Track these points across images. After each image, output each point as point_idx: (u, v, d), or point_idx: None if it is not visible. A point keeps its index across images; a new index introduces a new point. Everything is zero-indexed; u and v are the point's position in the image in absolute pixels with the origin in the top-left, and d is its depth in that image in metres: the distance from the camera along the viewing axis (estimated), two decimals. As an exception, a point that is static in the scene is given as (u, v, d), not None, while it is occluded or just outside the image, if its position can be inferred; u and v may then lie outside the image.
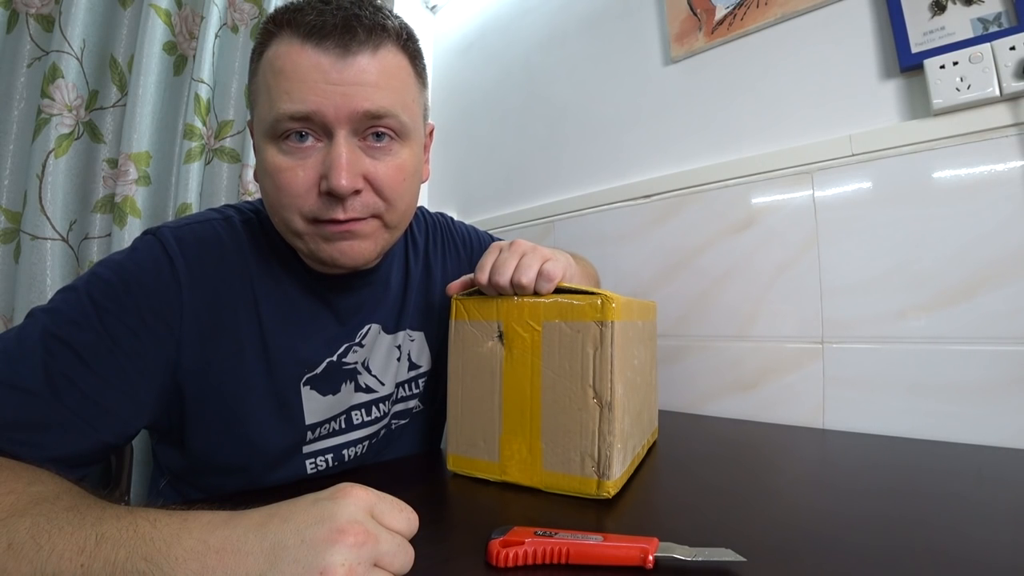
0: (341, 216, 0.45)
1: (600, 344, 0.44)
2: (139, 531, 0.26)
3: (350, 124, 0.44)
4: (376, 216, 0.48)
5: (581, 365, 0.45)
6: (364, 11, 0.44)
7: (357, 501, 0.28)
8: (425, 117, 0.54)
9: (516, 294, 0.49)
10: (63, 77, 0.87)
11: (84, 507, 0.29)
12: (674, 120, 0.97)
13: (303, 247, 0.48)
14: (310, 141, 0.45)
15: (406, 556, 0.28)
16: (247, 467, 0.51)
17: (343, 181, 0.43)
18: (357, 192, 0.45)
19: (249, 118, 0.51)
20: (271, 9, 1.03)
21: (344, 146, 0.44)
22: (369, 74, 0.44)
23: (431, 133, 0.59)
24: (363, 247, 0.48)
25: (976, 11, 0.66)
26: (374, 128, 0.46)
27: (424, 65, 0.53)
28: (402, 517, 0.30)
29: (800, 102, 0.81)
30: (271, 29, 0.46)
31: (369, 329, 0.57)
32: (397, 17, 0.48)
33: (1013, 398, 0.61)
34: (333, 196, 0.44)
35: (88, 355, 0.41)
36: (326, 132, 0.44)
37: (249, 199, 0.59)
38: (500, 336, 0.49)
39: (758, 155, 0.84)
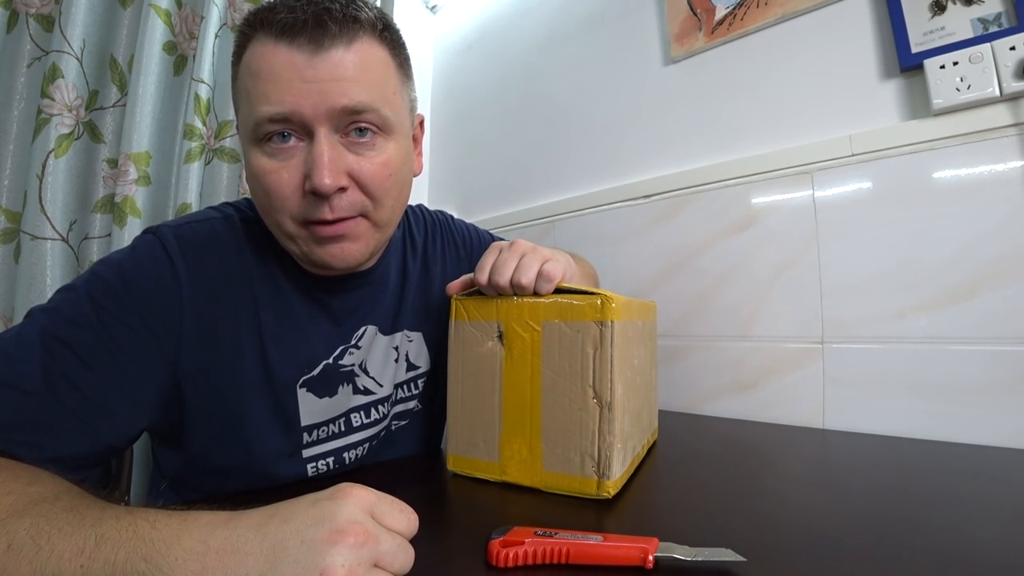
0: (328, 216, 0.45)
1: (600, 344, 0.44)
2: (138, 532, 0.26)
3: (330, 121, 0.43)
4: (364, 215, 0.48)
5: (581, 365, 0.45)
6: (335, 4, 0.43)
7: (357, 502, 0.28)
8: (412, 109, 0.53)
9: (516, 294, 0.49)
10: (63, 77, 0.87)
11: (83, 507, 0.29)
12: (674, 120, 0.97)
13: (296, 250, 0.48)
14: (292, 141, 0.44)
15: (406, 556, 0.28)
16: (246, 469, 0.51)
17: (326, 180, 0.42)
18: (343, 190, 0.45)
19: (237, 123, 0.51)
20: (271, 9, 1.03)
21: (325, 144, 0.43)
22: (345, 68, 0.43)
23: (421, 124, 0.58)
24: (354, 249, 0.48)
25: (976, 11, 0.66)
26: (355, 124, 0.45)
27: (407, 55, 0.51)
28: (402, 517, 0.30)
29: (800, 102, 0.81)
30: (246, 32, 0.45)
31: (365, 331, 0.57)
32: (374, 8, 0.47)
33: (1013, 398, 0.61)
34: (318, 195, 0.44)
35: (87, 355, 0.41)
36: (307, 131, 0.44)
37: (247, 199, 0.58)
38: (500, 336, 0.49)
39: (758, 155, 0.84)
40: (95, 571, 0.25)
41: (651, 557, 0.31)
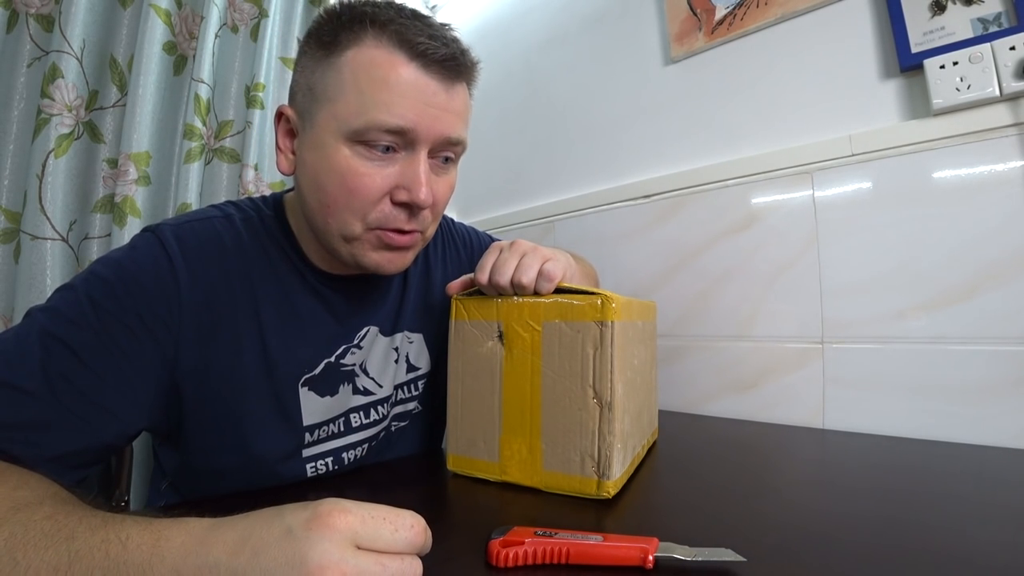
0: (406, 227, 0.48)
1: (600, 344, 0.44)
2: (110, 554, 0.26)
3: (432, 144, 0.47)
4: (421, 231, 0.51)
5: (581, 365, 0.45)
6: (462, 50, 0.48)
7: (333, 535, 0.25)
8: None
9: (516, 294, 0.49)
10: (63, 77, 0.87)
11: (63, 515, 0.29)
12: (674, 120, 0.97)
13: (345, 251, 0.49)
14: (390, 152, 0.46)
15: None
16: (245, 469, 0.51)
17: (422, 195, 0.46)
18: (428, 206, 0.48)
19: (292, 108, 0.50)
20: (271, 8, 1.03)
21: (426, 164, 0.47)
22: (457, 104, 0.48)
23: None
24: (406, 259, 0.52)
25: (976, 11, 0.66)
26: (446, 152, 0.50)
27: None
28: (397, 537, 0.27)
29: (800, 102, 0.81)
30: (355, 28, 0.45)
31: (367, 331, 0.57)
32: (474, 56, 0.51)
33: (1013, 398, 0.61)
34: (406, 207, 0.47)
35: (86, 354, 0.41)
36: (409, 146, 0.47)
37: (250, 197, 0.58)
38: (500, 336, 0.49)
39: (758, 155, 0.84)
40: None
41: (651, 557, 0.31)
